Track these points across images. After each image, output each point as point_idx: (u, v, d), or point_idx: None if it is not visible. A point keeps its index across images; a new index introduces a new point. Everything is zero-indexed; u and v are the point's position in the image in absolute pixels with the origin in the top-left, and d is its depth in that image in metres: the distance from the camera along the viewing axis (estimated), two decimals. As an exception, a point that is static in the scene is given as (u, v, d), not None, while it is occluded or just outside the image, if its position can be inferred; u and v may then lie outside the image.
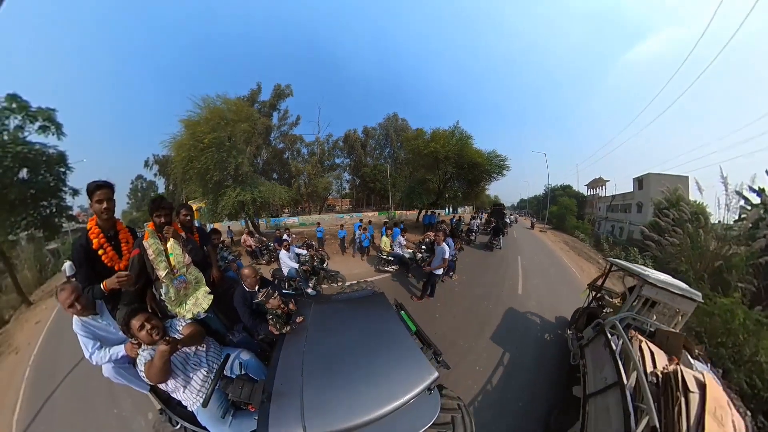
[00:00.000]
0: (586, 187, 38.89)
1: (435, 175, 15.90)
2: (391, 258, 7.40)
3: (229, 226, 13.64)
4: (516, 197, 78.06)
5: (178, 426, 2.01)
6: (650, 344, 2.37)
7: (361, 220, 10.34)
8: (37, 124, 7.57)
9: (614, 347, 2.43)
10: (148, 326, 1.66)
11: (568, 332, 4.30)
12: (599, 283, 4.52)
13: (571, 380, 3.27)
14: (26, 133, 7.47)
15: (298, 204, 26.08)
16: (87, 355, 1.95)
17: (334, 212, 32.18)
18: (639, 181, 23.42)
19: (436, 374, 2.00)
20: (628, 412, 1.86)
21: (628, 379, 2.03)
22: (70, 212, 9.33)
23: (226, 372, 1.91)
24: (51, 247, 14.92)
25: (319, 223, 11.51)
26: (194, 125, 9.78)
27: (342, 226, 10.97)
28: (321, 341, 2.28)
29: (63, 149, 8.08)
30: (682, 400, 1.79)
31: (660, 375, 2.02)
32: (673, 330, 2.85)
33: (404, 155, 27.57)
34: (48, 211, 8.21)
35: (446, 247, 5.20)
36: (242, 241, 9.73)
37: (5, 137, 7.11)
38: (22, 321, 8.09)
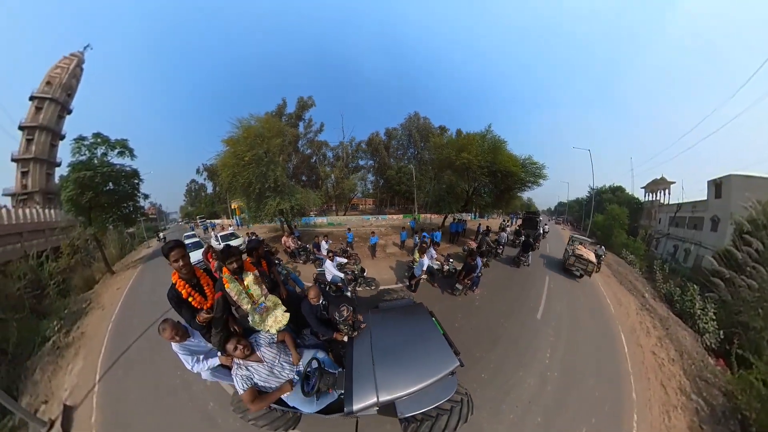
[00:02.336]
0: (643, 190, 30.80)
1: (464, 181, 15.20)
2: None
3: (295, 226, 14.94)
4: (554, 200, 67.34)
5: (268, 407, 2.71)
6: (576, 244, 11.13)
7: (429, 231, 11.30)
8: (116, 151, 10.57)
9: (567, 246, 11.62)
10: (240, 347, 2.39)
11: (563, 258, 10.90)
12: (569, 242, 11.71)
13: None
14: (109, 158, 10.53)
15: (324, 204, 27.41)
16: (189, 368, 2.70)
17: (358, 212, 33.06)
18: (716, 186, 16.67)
19: (457, 362, 2.85)
20: (568, 253, 10.63)
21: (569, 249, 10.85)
22: (142, 210, 13.05)
23: (304, 365, 2.67)
24: (129, 231, 18.93)
25: (349, 229, 12.41)
26: (234, 144, 10.98)
27: (373, 233, 11.35)
28: (382, 339, 3.14)
29: (136, 167, 11.49)
30: (579, 248, 10.41)
31: (575, 248, 10.58)
32: (586, 248, 10.69)
33: (428, 155, 26.96)
34: (127, 210, 11.57)
35: (425, 260, 6.69)
36: (282, 242, 10.76)
37: (96, 162, 10.13)
38: (107, 285, 10.70)
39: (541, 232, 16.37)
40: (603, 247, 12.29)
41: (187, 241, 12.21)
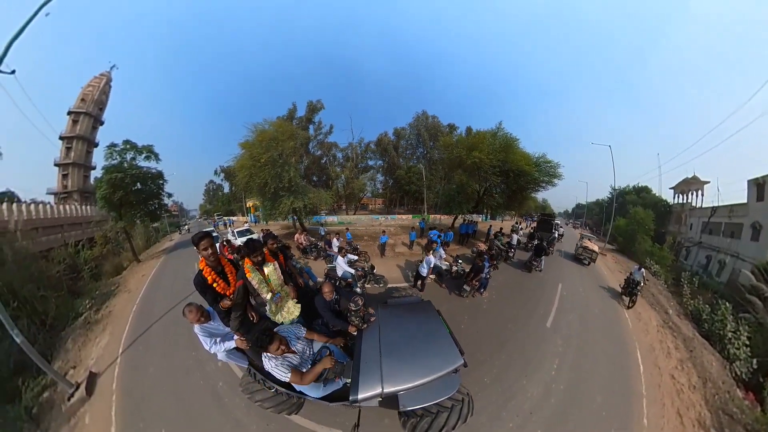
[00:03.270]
0: (671, 191, 26.99)
1: (475, 181, 14.47)
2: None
3: (322, 223, 15.86)
4: (571, 201, 62.91)
5: (274, 391, 2.94)
6: (585, 240, 13.87)
7: (441, 231, 11.37)
8: (143, 155, 11.93)
9: (577, 241, 14.03)
10: (282, 347, 2.50)
11: (575, 250, 13.08)
12: (579, 238, 14.97)
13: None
14: (138, 162, 11.88)
15: (335, 203, 27.76)
16: (207, 348, 2.85)
17: (367, 211, 32.99)
18: (758, 186, 14.86)
19: (462, 361, 2.83)
20: (578, 246, 13.07)
21: (578, 243, 13.38)
22: (166, 207, 14.60)
23: (315, 353, 2.77)
24: (154, 225, 20.69)
25: (347, 228, 12.62)
26: (251, 147, 11.54)
27: (384, 231, 11.50)
28: (390, 333, 3.19)
29: (160, 169, 12.77)
30: (586, 242, 12.89)
31: (583, 242, 13.07)
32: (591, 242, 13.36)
33: (438, 155, 26.18)
34: (153, 207, 12.79)
35: (432, 259, 6.70)
36: (295, 239, 11.10)
37: (126, 165, 11.47)
38: (134, 272, 11.76)
39: (556, 236, 15.54)
40: (642, 269, 8.50)
41: None
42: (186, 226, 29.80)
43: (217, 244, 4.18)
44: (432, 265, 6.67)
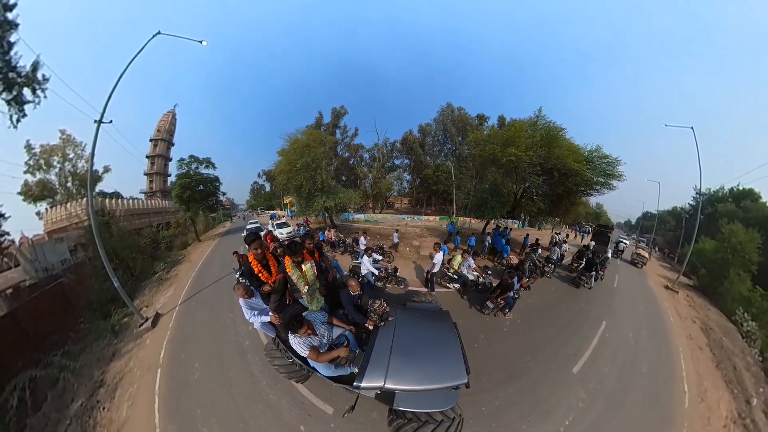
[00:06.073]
0: None
1: (511, 180, 12.37)
2: (456, 276, 7.28)
3: (363, 231, 16.44)
4: (635, 207, 48.72)
5: (291, 361, 3.37)
6: (639, 250, 15.23)
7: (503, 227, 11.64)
8: (204, 165, 16.31)
9: (633, 251, 15.59)
10: (309, 331, 2.92)
11: (630, 258, 14.97)
12: (636, 247, 16.40)
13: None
14: (200, 170, 16.13)
15: (362, 202, 28.69)
16: (247, 318, 3.43)
17: (393, 210, 32.60)
18: None
19: (465, 380, 2.84)
20: (633, 253, 15.11)
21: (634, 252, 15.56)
22: (221, 202, 18.68)
23: (334, 338, 3.13)
24: (212, 215, 25.81)
25: (365, 231, 11.21)
26: (287, 154, 12.86)
27: (438, 245, 9.83)
28: (404, 334, 3.33)
29: (217, 174, 17.06)
30: (639, 250, 15.12)
31: (638, 251, 15.05)
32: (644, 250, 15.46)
33: (468, 150, 24.28)
34: (211, 202, 17.22)
35: (441, 256, 6.56)
36: (326, 234, 11.59)
37: (191, 172, 15.72)
38: (195, 248, 15.20)
39: (608, 256, 12.19)
40: None
41: (250, 225, 16.97)
42: (236, 216, 41.06)
43: (262, 234, 4.91)
44: (441, 263, 6.47)
